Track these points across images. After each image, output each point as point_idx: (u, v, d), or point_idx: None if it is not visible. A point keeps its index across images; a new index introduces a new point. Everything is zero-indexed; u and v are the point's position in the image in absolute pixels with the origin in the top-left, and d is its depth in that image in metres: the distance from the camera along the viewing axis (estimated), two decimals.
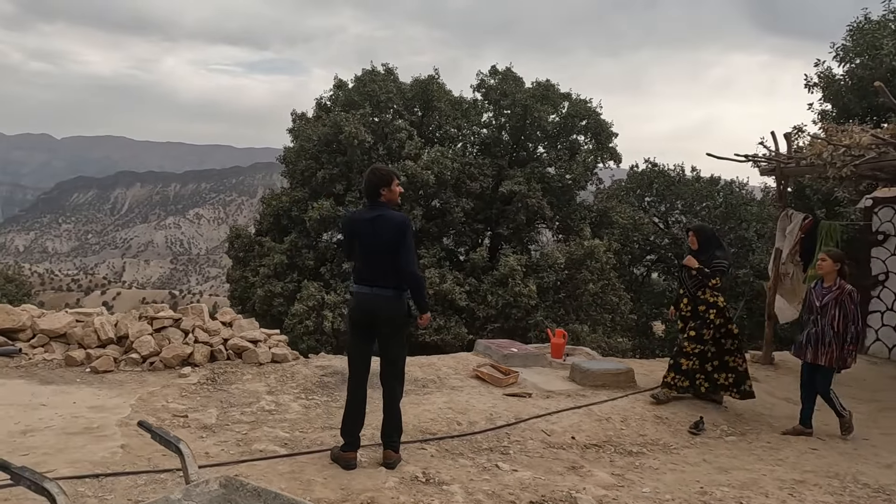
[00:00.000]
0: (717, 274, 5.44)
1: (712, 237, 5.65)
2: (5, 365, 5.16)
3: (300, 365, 5.68)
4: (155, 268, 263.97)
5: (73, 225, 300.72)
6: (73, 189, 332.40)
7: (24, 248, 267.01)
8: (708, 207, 22.56)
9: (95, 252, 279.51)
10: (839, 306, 4.77)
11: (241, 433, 4.17)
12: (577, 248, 15.76)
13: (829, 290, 4.88)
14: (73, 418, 4.10)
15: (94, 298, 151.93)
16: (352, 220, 3.82)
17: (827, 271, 4.92)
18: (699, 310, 5.49)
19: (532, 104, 16.71)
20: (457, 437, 4.41)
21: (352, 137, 15.43)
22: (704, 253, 5.50)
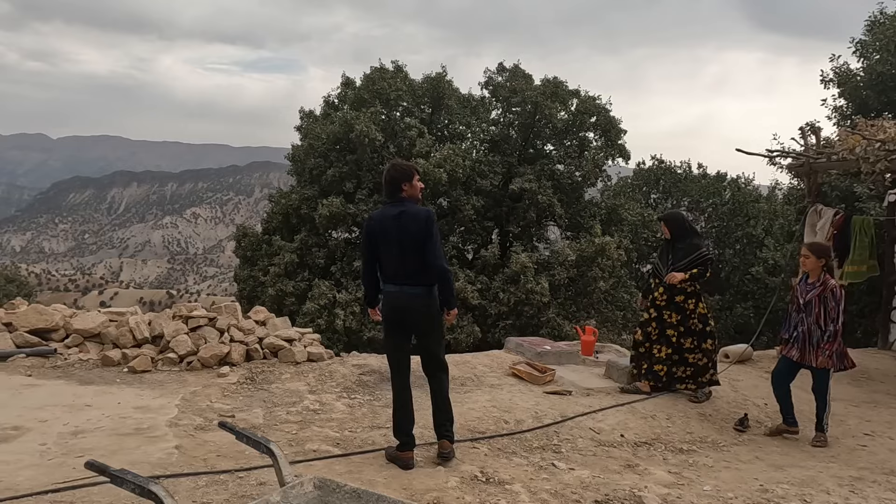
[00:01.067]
0: (706, 267, 5.17)
1: (685, 224, 5.41)
2: (41, 365, 5.10)
3: (337, 364, 5.62)
4: (152, 267, 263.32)
5: (69, 225, 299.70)
6: (69, 189, 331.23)
7: (20, 249, 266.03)
8: (715, 204, 22.56)
9: (92, 252, 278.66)
10: (822, 303, 4.55)
11: (291, 433, 4.12)
12: (588, 245, 15.71)
13: (812, 287, 4.63)
14: (121, 419, 4.04)
15: (92, 298, 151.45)
16: (376, 220, 3.73)
17: (811, 268, 4.66)
18: (676, 300, 5.23)
19: (542, 101, 16.65)
20: (506, 436, 4.36)
21: (362, 135, 15.36)
22: (681, 241, 5.25)
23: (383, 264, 3.73)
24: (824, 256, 4.65)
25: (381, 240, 3.66)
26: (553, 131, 18.21)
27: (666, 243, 5.46)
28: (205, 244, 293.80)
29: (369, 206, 16.04)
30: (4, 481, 3.13)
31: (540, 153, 18.42)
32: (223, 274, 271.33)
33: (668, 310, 5.29)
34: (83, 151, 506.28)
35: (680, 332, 5.26)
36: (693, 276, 5.14)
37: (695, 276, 5.15)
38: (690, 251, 5.18)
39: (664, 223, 5.44)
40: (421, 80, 18.21)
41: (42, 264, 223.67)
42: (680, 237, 5.28)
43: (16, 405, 4.16)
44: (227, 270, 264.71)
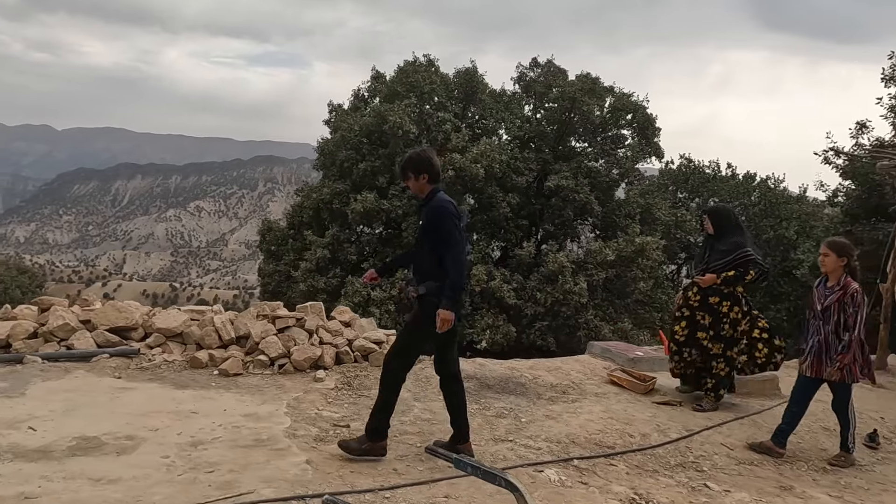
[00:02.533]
0: (747, 269, 4.67)
1: (732, 219, 4.90)
2: (126, 366, 4.81)
3: (430, 369, 5.31)
4: (155, 260, 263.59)
5: (73, 216, 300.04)
6: (74, 180, 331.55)
7: (24, 240, 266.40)
8: (744, 205, 22.21)
9: (96, 244, 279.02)
10: (842, 310, 3.97)
11: (415, 445, 3.83)
12: (627, 244, 15.39)
13: (831, 291, 4.04)
14: (234, 429, 3.75)
15: (96, 290, 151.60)
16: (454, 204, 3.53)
17: (831, 268, 4.06)
18: (710, 301, 4.79)
19: (580, 97, 16.31)
20: (638, 452, 4.07)
21: (396, 127, 15.05)
22: (723, 239, 4.77)
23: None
24: (846, 255, 4.04)
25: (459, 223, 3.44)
26: (587, 128, 17.88)
27: (706, 240, 5.01)
28: (208, 237, 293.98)
29: (402, 201, 15.75)
30: (142, 500, 2.84)
31: (574, 150, 18.10)
32: (226, 267, 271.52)
33: (700, 311, 4.87)
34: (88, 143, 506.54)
35: (710, 336, 4.85)
36: (727, 279, 4.69)
37: (729, 279, 4.69)
38: (732, 250, 4.72)
39: (708, 217, 4.96)
40: (453, 75, 17.90)
41: (46, 255, 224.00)
42: (723, 234, 4.80)
43: (119, 411, 3.87)
44: (229, 264, 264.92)
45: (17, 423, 3.59)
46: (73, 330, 5.01)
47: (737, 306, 4.81)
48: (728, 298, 4.78)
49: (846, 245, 4.10)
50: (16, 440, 3.36)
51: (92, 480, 3.00)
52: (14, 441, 3.35)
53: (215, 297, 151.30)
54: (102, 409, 3.91)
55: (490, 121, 17.83)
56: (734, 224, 4.88)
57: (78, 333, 4.99)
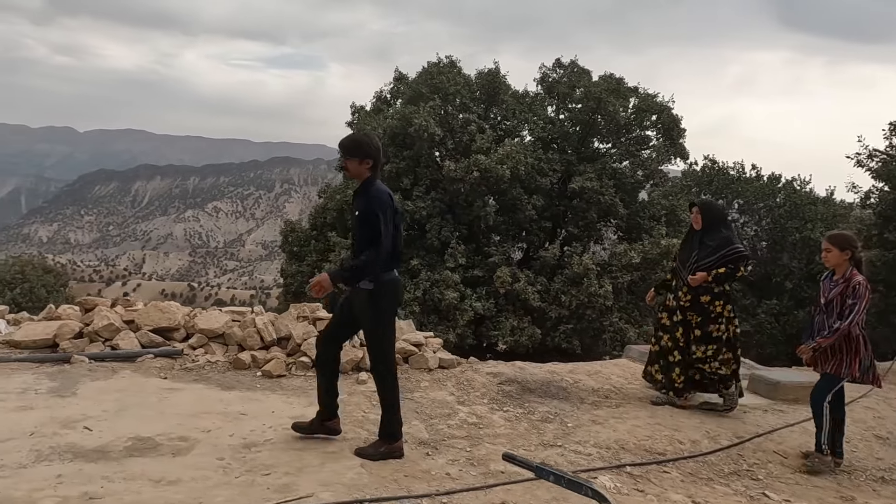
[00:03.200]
0: (737, 265, 4.49)
1: (721, 214, 4.75)
2: (170, 367, 4.83)
3: (470, 371, 5.29)
4: (174, 260, 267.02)
5: (94, 217, 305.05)
6: (95, 181, 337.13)
7: (47, 239, 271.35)
8: (769, 206, 21.87)
9: (116, 244, 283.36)
10: (844, 303, 3.84)
11: (465, 450, 3.79)
12: (653, 246, 15.23)
13: (836, 284, 3.91)
14: (284, 430, 3.74)
15: (115, 289, 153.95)
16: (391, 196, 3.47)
17: (834, 262, 3.91)
18: (701, 301, 4.58)
19: (605, 97, 16.18)
20: (690, 459, 3.99)
21: (422, 130, 15.04)
22: (710, 234, 4.58)
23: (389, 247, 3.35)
24: (849, 248, 3.89)
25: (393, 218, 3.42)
26: (611, 129, 17.72)
27: (691, 234, 4.76)
28: (225, 238, 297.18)
29: (426, 202, 15.75)
30: (204, 502, 2.84)
31: (598, 152, 17.96)
32: (243, 268, 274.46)
33: (692, 311, 4.64)
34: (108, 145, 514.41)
35: (696, 338, 4.64)
36: (718, 276, 4.49)
37: (720, 276, 4.49)
38: (722, 246, 4.52)
39: (699, 210, 4.67)
40: (475, 76, 17.85)
41: (68, 255, 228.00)
42: (710, 229, 4.60)
43: (170, 412, 3.89)
44: (246, 264, 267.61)
45: (72, 422, 3.62)
46: (117, 330, 5.05)
47: (729, 305, 4.63)
48: (720, 297, 4.58)
49: (848, 237, 3.96)
50: (73, 440, 3.39)
51: (152, 481, 3.01)
52: (72, 441, 3.37)
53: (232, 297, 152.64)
54: (153, 409, 3.93)
55: (513, 121, 17.75)
56: (723, 219, 4.70)
57: (122, 334, 5.04)
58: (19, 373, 4.47)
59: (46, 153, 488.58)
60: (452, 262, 14.92)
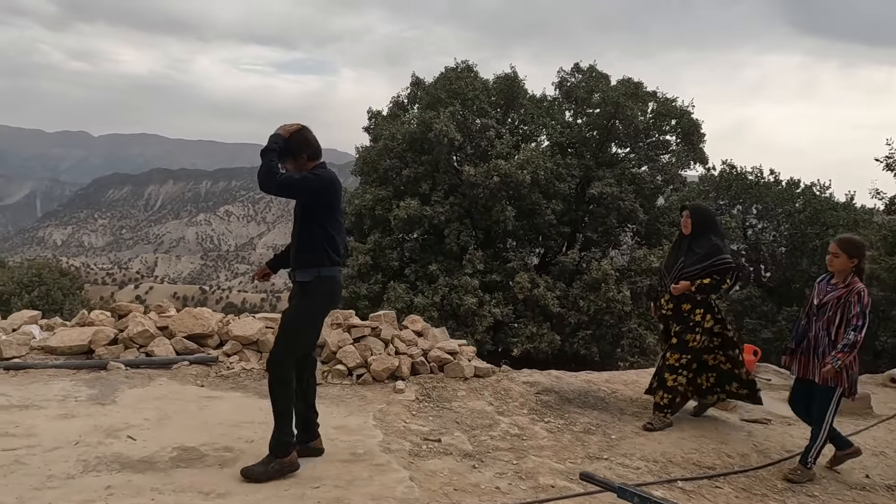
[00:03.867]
0: (723, 278, 4.26)
1: (713, 219, 4.45)
2: (206, 374, 4.80)
3: (506, 380, 5.21)
4: (186, 263, 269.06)
5: (108, 220, 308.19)
6: (108, 185, 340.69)
7: (61, 242, 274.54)
8: (788, 212, 21.61)
9: (129, 247, 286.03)
10: (841, 308, 3.65)
11: (511, 462, 3.71)
12: None
13: (834, 288, 3.76)
14: (328, 441, 3.68)
15: (128, 292, 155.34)
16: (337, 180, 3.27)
17: (839, 268, 3.74)
18: (682, 309, 4.35)
19: (624, 102, 16.08)
20: (741, 474, 3.88)
21: (441, 135, 15.00)
22: (699, 240, 4.30)
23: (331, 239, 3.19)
24: (857, 256, 3.70)
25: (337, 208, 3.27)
26: (629, 134, 17.60)
27: (680, 239, 4.50)
28: (237, 241, 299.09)
29: (445, 207, 15.70)
30: None
31: (616, 156, 17.84)
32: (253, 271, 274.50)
33: (673, 320, 4.42)
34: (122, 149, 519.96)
35: (672, 345, 4.42)
36: (702, 287, 4.25)
37: (704, 287, 4.25)
38: (710, 255, 4.24)
39: (690, 214, 4.39)
40: (493, 80, 17.81)
41: (82, 258, 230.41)
42: (699, 235, 4.33)
43: (211, 421, 3.84)
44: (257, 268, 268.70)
45: (115, 431, 3.58)
46: (151, 337, 5.03)
47: (710, 314, 4.37)
48: (701, 306, 4.33)
49: (859, 245, 3.77)
50: (119, 450, 3.35)
51: (202, 494, 2.95)
52: (117, 451, 3.33)
53: (243, 301, 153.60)
54: (194, 418, 3.89)
55: (531, 126, 17.68)
56: (714, 224, 4.42)
57: (157, 340, 5.01)
58: (57, 379, 4.45)
59: (61, 157, 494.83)
60: (471, 267, 14.85)
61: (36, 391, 4.14)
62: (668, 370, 4.41)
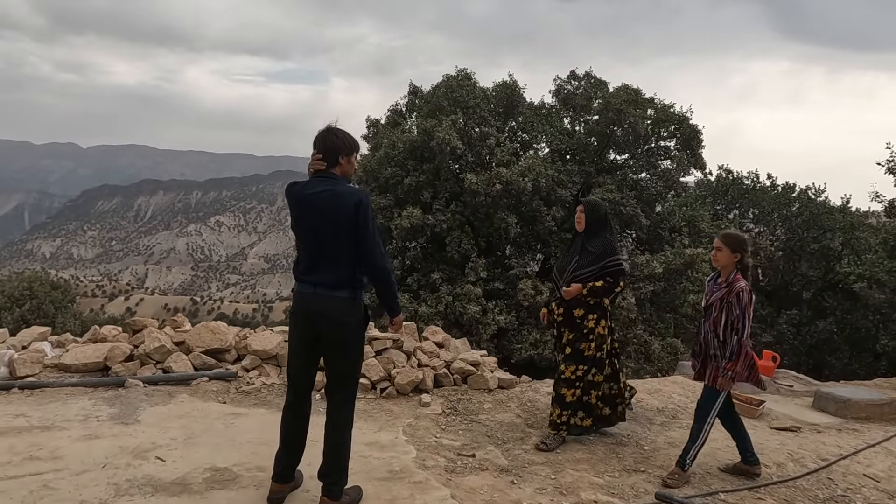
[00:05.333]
0: (617, 280, 4.00)
1: (606, 216, 4.10)
2: (227, 390, 4.68)
3: (531, 391, 5.13)
4: (176, 274, 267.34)
5: (97, 232, 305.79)
6: (98, 197, 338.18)
7: (50, 255, 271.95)
8: (785, 216, 21.75)
9: (119, 258, 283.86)
10: (725, 309, 3.55)
11: (549, 477, 3.63)
12: (676, 257, 15.07)
13: (718, 287, 3.64)
14: (362, 458, 3.58)
15: (118, 304, 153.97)
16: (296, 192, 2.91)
17: (723, 263, 3.63)
18: (574, 314, 4.02)
19: (625, 108, 16.11)
20: (781, 484, 3.82)
21: (444, 144, 14.95)
22: (593, 239, 4.02)
23: (298, 255, 2.97)
24: (740, 251, 3.60)
25: (298, 220, 2.91)
26: (628, 140, 17.63)
27: (574, 238, 4.21)
28: (228, 252, 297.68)
29: (447, 216, 15.63)
30: None
31: (615, 163, 17.87)
32: (245, 281, 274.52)
33: (565, 327, 4.09)
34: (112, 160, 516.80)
35: (566, 355, 4.07)
36: (595, 290, 3.95)
37: (597, 290, 3.95)
38: (605, 255, 3.97)
39: (584, 210, 4.06)
40: (492, 88, 17.81)
41: (71, 270, 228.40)
42: (594, 233, 4.03)
43: (240, 440, 3.73)
44: (248, 278, 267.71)
45: (143, 452, 3.47)
46: (168, 352, 4.91)
47: (603, 320, 4.07)
48: (594, 311, 4.01)
49: (741, 239, 3.66)
50: (149, 472, 3.23)
51: None
52: (148, 473, 3.22)
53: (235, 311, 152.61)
54: (222, 437, 3.78)
55: (530, 133, 17.68)
56: (606, 222, 4.10)
57: (174, 356, 4.89)
58: (75, 398, 4.33)
59: (50, 169, 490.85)
60: (474, 275, 14.77)
61: (55, 411, 4.02)
62: (564, 384, 4.05)
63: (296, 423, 3.05)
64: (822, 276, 20.12)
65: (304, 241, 2.91)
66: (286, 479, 3.05)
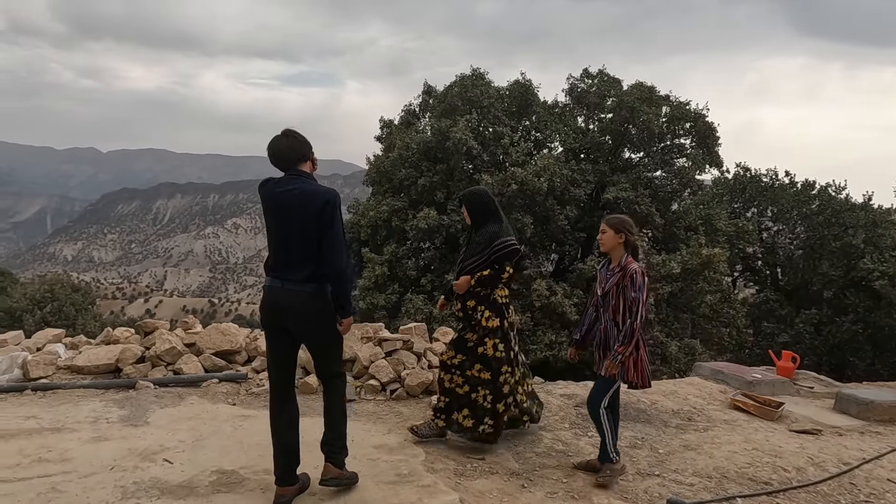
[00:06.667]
0: (503, 266, 3.77)
1: (490, 205, 3.89)
2: (237, 392, 4.67)
3: (543, 393, 5.05)
4: (194, 276, 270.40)
5: (117, 235, 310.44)
6: (117, 200, 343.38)
7: (72, 258, 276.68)
8: (804, 214, 21.36)
9: (138, 261, 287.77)
10: (621, 294, 3.39)
11: (561, 481, 3.56)
12: (693, 256, 14.85)
13: (612, 274, 3.49)
14: (370, 461, 3.55)
15: (138, 306, 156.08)
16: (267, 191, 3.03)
17: (610, 247, 3.50)
18: (467, 307, 3.86)
19: (639, 106, 15.93)
20: (801, 489, 3.71)
21: (460, 144, 14.90)
22: (480, 230, 3.87)
23: (272, 248, 3.05)
24: (623, 231, 3.48)
25: (269, 216, 3.00)
26: (642, 138, 17.44)
27: (468, 233, 4.10)
28: (245, 254, 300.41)
29: (461, 216, 15.57)
30: None
31: (630, 161, 17.68)
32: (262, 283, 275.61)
33: (462, 321, 3.93)
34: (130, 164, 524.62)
35: (452, 341, 3.98)
36: (482, 279, 3.76)
37: (484, 279, 3.76)
38: (490, 241, 3.79)
39: (464, 204, 3.95)
40: (506, 88, 17.73)
41: (92, 273, 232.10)
42: (479, 225, 3.88)
43: (247, 442, 3.71)
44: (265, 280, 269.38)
45: (151, 454, 3.46)
46: (179, 354, 4.92)
47: (490, 312, 3.82)
48: (483, 302, 3.82)
49: (624, 220, 3.54)
50: (156, 474, 3.22)
51: None
52: (155, 475, 3.21)
53: (252, 312, 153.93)
54: (230, 439, 3.76)
55: (544, 132, 17.56)
56: (492, 210, 3.89)
57: (185, 357, 4.90)
58: (86, 400, 4.34)
59: (71, 174, 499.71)
60: None
61: (66, 413, 4.03)
62: (442, 369, 3.92)
63: (284, 421, 3.10)
64: (843, 274, 19.73)
65: (274, 237, 3.01)
66: (288, 482, 3.04)
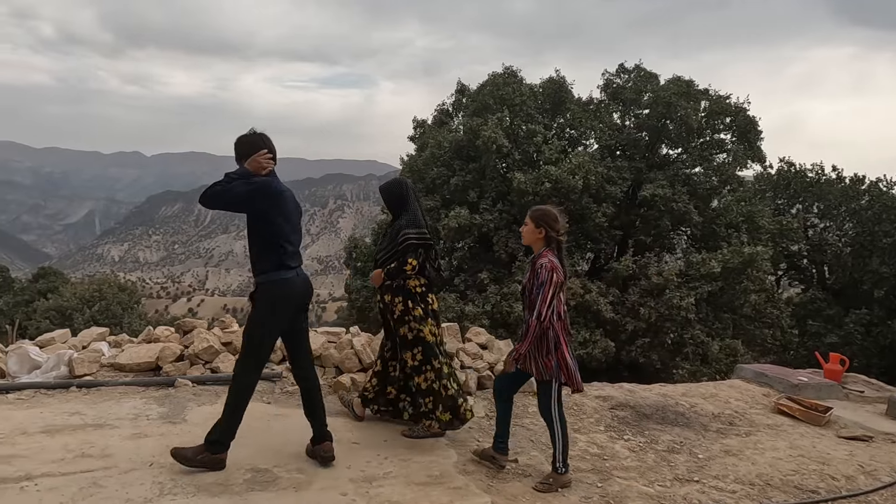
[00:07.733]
0: (405, 258, 3.75)
1: (400, 197, 3.87)
2: (271, 391, 4.73)
3: (577, 395, 4.96)
4: (235, 276, 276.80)
5: (161, 236, 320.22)
6: (161, 202, 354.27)
7: (119, 259, 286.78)
8: (853, 210, 20.49)
9: (181, 261, 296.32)
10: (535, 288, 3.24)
11: (595, 485, 3.48)
12: (734, 255, 14.42)
13: (531, 268, 3.36)
14: (402, 462, 3.53)
15: (181, 305, 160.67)
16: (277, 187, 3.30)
17: (529, 241, 3.38)
18: (386, 300, 3.89)
19: (676, 101, 15.56)
20: (851, 498, 3.54)
21: (490, 142, 14.83)
22: (395, 223, 3.90)
23: (281, 246, 3.26)
24: (543, 225, 3.31)
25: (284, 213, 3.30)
26: (680, 134, 17.02)
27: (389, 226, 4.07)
28: None
29: (493, 215, 15.50)
30: None
31: (667, 158, 17.29)
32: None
33: (386, 313, 3.94)
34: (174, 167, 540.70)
35: (402, 345, 3.92)
36: (389, 272, 3.80)
37: (391, 272, 3.79)
38: (397, 234, 3.80)
39: (382, 197, 3.98)
40: (540, 85, 17.56)
41: (138, 273, 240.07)
42: (396, 215, 3.92)
43: (281, 441, 3.75)
44: None
45: None
46: (216, 353, 5.01)
47: (408, 300, 3.81)
48: (398, 294, 3.82)
49: (546, 214, 3.35)
50: (192, 471, 3.27)
51: None
52: (191, 472, 3.26)
53: None
54: (264, 437, 3.80)
55: (579, 130, 17.32)
56: (403, 201, 3.88)
57: (222, 356, 4.98)
58: (128, 397, 4.46)
59: (117, 177, 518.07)
60: (521, 274, 14.59)
61: (108, 409, 4.15)
62: (415, 373, 3.85)
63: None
64: (895, 272, 18.86)
65: (289, 231, 3.29)
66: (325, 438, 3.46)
